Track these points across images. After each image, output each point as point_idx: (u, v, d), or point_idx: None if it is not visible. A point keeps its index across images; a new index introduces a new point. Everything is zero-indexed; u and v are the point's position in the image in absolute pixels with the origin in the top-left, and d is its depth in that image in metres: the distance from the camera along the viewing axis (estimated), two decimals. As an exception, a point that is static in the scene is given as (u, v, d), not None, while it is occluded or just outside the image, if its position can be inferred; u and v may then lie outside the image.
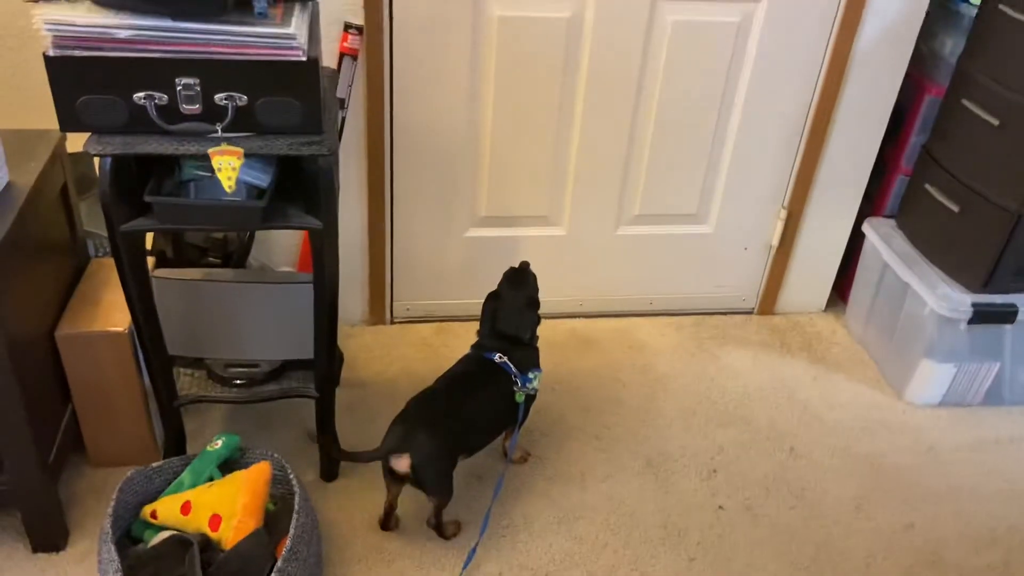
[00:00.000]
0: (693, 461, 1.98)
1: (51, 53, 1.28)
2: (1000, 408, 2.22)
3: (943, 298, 2.05)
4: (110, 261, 1.53)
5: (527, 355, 1.79)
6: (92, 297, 1.75)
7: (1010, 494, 1.97)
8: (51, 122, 1.36)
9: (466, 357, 1.81)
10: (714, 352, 2.34)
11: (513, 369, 1.74)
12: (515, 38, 1.98)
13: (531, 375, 1.77)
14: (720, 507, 1.87)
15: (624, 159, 2.20)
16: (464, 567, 1.68)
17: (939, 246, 2.15)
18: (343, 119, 1.94)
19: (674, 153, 2.21)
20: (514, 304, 1.80)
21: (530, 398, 1.80)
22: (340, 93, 1.89)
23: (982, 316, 2.05)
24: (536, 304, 1.80)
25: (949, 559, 1.80)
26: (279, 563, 1.45)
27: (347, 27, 1.88)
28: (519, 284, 1.83)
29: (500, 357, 1.75)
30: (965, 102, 2.02)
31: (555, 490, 1.88)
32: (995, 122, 1.94)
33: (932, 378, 2.16)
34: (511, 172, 2.18)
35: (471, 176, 2.17)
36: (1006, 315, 2.06)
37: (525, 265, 1.86)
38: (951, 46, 2.15)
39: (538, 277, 1.87)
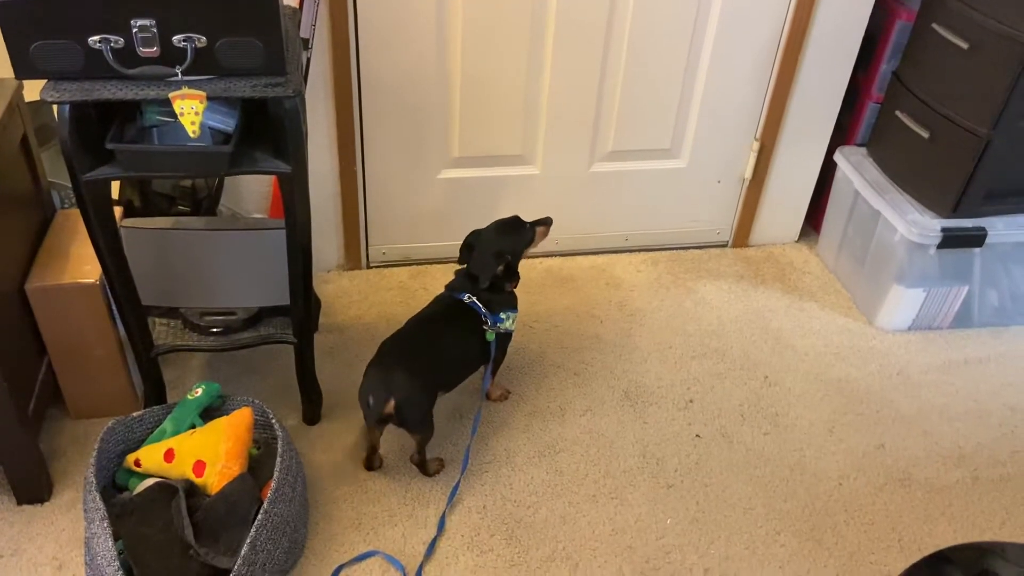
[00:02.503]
0: (670, 392, 2.02)
1: (0, -3, 1.25)
2: (968, 330, 2.27)
3: (913, 224, 2.08)
4: (77, 212, 1.50)
5: (500, 296, 1.80)
6: (61, 249, 1.73)
7: (977, 413, 2.02)
8: (7, 71, 1.32)
9: (438, 297, 1.82)
10: (689, 286, 2.37)
11: (482, 308, 1.76)
12: (481, -29, 1.94)
13: (503, 315, 1.78)
14: (697, 435, 1.91)
15: (597, 95, 2.18)
16: (448, 502, 1.72)
17: (910, 173, 2.17)
18: (308, 60, 1.90)
19: (646, 88, 2.19)
20: (485, 249, 1.79)
21: (503, 337, 1.82)
22: (304, 33, 1.84)
23: (951, 240, 2.08)
24: (502, 257, 1.76)
25: (919, 477, 1.86)
26: (265, 505, 1.47)
27: (307, -36, 1.83)
28: (497, 231, 1.81)
29: (469, 297, 1.76)
30: (935, 26, 2.01)
31: (536, 425, 1.91)
32: (964, 45, 1.93)
33: (902, 303, 2.20)
34: (483, 111, 2.15)
35: (443, 116, 2.14)
36: (975, 238, 2.09)
37: (515, 218, 1.83)
38: (922, -31, 2.14)
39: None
